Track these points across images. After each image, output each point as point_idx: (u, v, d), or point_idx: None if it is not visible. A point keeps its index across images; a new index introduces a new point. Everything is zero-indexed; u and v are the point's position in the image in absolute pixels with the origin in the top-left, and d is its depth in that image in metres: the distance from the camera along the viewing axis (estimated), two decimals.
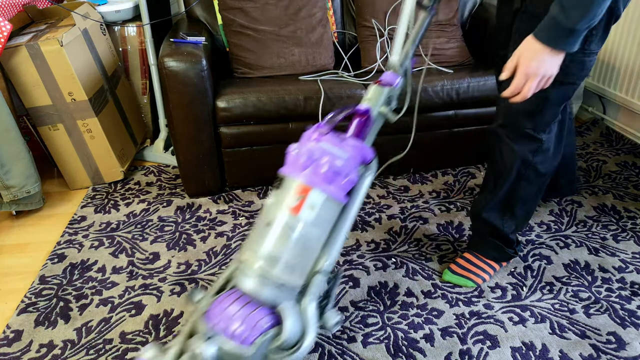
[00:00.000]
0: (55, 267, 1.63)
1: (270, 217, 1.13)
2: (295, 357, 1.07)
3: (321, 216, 1.12)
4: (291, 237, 1.10)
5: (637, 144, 2.32)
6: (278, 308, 1.09)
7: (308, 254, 1.13)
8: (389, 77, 1.28)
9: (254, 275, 1.09)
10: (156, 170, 2.23)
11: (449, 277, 1.54)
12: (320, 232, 1.14)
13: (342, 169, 1.13)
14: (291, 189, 1.13)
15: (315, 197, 1.11)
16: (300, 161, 1.14)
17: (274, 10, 2.06)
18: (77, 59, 1.91)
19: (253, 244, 1.12)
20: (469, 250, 1.57)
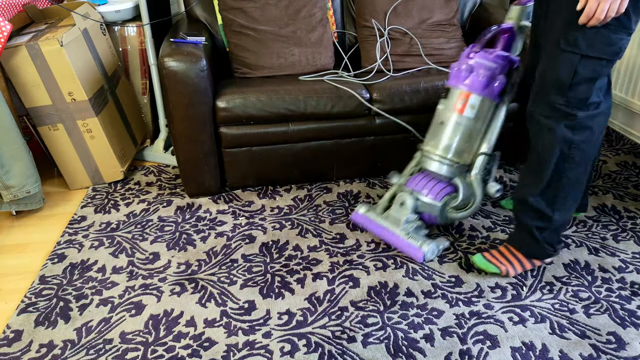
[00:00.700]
0: (55, 267, 1.63)
1: (442, 118, 1.63)
2: (466, 213, 1.63)
3: (480, 113, 1.59)
4: (460, 130, 1.60)
5: (637, 144, 2.32)
6: (453, 180, 1.63)
7: (472, 141, 1.62)
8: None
9: (436, 159, 1.63)
10: (156, 170, 2.23)
11: (477, 259, 1.56)
12: (481, 125, 1.61)
13: (493, 75, 1.56)
14: (455, 95, 1.60)
15: (474, 100, 1.57)
16: (461, 74, 1.59)
17: (274, 10, 2.06)
18: (77, 59, 1.91)
19: (432, 137, 1.65)
20: (505, 245, 1.58)
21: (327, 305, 1.45)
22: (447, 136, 1.61)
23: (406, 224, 1.63)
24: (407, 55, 2.10)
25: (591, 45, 1.24)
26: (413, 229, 1.63)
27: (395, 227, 1.63)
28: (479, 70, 1.56)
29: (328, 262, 1.63)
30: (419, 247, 1.57)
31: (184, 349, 1.32)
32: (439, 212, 1.64)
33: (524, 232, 1.50)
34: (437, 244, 1.62)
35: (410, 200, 1.63)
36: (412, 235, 1.61)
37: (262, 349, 1.31)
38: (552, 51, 1.31)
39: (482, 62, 1.56)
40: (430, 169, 1.65)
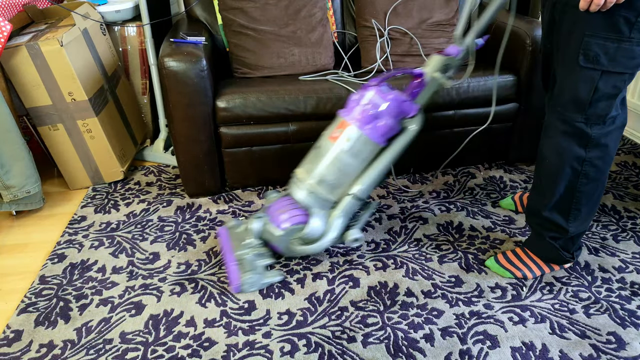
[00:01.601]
0: (55, 267, 1.63)
1: (320, 142, 1.52)
2: (308, 249, 1.51)
3: (355, 149, 1.46)
4: (333, 162, 1.48)
5: (637, 144, 2.33)
6: (310, 211, 1.50)
7: (343, 178, 1.49)
8: (450, 48, 1.50)
9: (302, 187, 1.51)
10: (156, 170, 2.23)
11: (491, 263, 1.56)
12: (356, 164, 1.49)
13: (378, 114, 1.45)
14: (336, 123, 1.51)
15: (352, 132, 1.46)
16: (350, 104, 1.50)
17: (274, 10, 2.06)
18: (77, 59, 1.91)
19: (306, 162, 1.54)
20: (522, 247, 1.57)
21: (327, 305, 1.45)
22: (318, 165, 1.49)
23: (246, 249, 1.50)
24: (407, 55, 2.10)
25: (613, 60, 1.18)
26: (250, 256, 1.50)
27: (237, 249, 1.55)
28: (365, 104, 1.46)
29: (328, 262, 1.63)
30: (240, 275, 1.48)
31: (184, 349, 1.32)
32: (279, 242, 1.52)
33: (541, 238, 1.50)
34: (261, 278, 1.50)
35: (255, 224, 1.52)
36: (245, 261, 1.50)
37: (262, 349, 1.31)
38: (569, 67, 1.25)
39: (372, 97, 1.46)
40: (294, 196, 1.54)
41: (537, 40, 1.88)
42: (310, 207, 1.51)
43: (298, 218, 1.50)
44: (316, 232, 1.50)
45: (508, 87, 1.97)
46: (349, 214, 1.54)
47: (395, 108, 1.48)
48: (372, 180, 1.51)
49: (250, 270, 1.49)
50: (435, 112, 1.96)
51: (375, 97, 1.46)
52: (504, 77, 1.97)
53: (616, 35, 1.16)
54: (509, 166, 2.19)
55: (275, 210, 1.54)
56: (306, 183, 1.51)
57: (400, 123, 1.52)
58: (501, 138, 2.11)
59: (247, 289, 1.50)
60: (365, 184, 1.50)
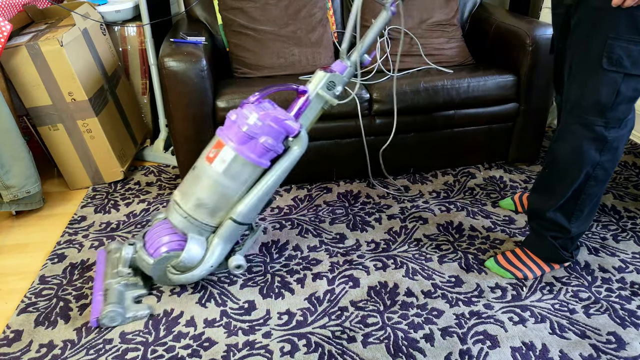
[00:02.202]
0: (55, 267, 1.63)
1: (197, 163, 1.41)
2: (182, 278, 1.39)
3: (233, 170, 1.35)
4: (206, 181, 1.37)
5: (637, 144, 2.33)
6: (188, 236, 1.39)
7: (221, 200, 1.38)
8: (336, 65, 1.45)
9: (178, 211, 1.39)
10: (156, 170, 2.23)
11: (490, 265, 1.56)
12: (236, 186, 1.37)
13: (255, 134, 1.34)
14: (213, 142, 1.40)
15: (226, 153, 1.35)
16: (227, 122, 1.38)
17: (274, 10, 2.06)
18: (77, 59, 1.91)
19: (184, 185, 1.41)
20: (522, 247, 1.57)
21: (327, 305, 1.45)
22: (196, 188, 1.38)
23: (116, 277, 1.42)
24: (407, 55, 2.10)
25: (636, 63, 1.17)
26: (120, 286, 1.41)
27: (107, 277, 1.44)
28: (241, 123, 1.35)
29: (328, 262, 1.63)
30: (102, 307, 1.36)
31: (184, 349, 1.32)
32: (152, 270, 1.41)
33: (541, 238, 1.50)
34: (126, 312, 1.37)
35: (126, 251, 1.41)
36: (110, 292, 1.40)
37: (262, 349, 1.31)
38: (591, 70, 1.24)
39: (248, 115, 1.35)
40: (171, 220, 1.42)
41: (537, 40, 1.88)
42: (187, 232, 1.40)
43: (173, 244, 1.39)
44: (193, 259, 1.38)
45: (508, 87, 1.97)
46: (230, 239, 1.42)
47: (273, 126, 1.36)
48: (253, 203, 1.39)
49: (114, 302, 1.36)
50: (435, 112, 1.96)
51: (251, 115, 1.35)
52: (504, 77, 1.96)
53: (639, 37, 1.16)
54: (509, 166, 2.19)
55: (151, 236, 1.43)
56: (182, 207, 1.39)
57: (284, 143, 1.41)
58: (501, 138, 2.11)
59: (107, 324, 1.35)
60: (246, 207, 1.38)
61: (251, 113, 1.35)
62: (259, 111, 1.35)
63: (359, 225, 1.81)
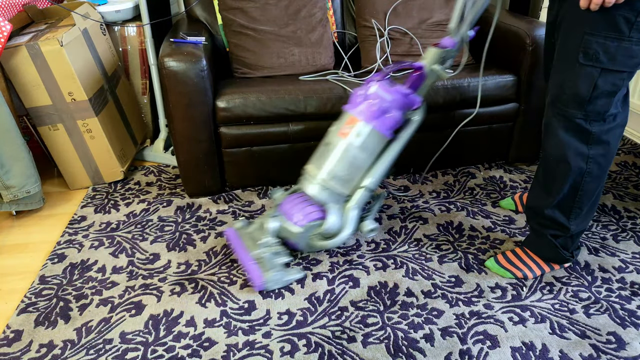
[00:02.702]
0: (55, 267, 1.63)
1: (329, 139, 1.55)
2: (329, 243, 1.53)
3: (366, 143, 1.50)
4: (344, 157, 1.51)
5: (637, 144, 2.33)
6: (326, 206, 1.53)
7: (354, 172, 1.53)
8: (445, 40, 1.54)
9: (314, 182, 1.53)
10: (156, 170, 2.23)
11: (491, 264, 1.57)
12: (366, 157, 1.52)
13: (386, 108, 1.50)
14: (345, 119, 1.54)
15: (361, 128, 1.50)
16: (357, 100, 1.53)
17: (274, 10, 2.06)
18: (77, 59, 1.91)
19: (316, 159, 1.56)
20: (522, 247, 1.57)
21: (327, 305, 1.45)
22: (330, 161, 1.52)
23: (263, 248, 1.51)
24: (407, 55, 2.10)
25: (612, 59, 1.19)
26: (268, 255, 1.50)
27: (253, 248, 1.55)
28: (373, 99, 1.50)
29: (328, 262, 1.63)
30: (261, 274, 1.49)
31: (184, 349, 1.32)
32: (299, 239, 1.54)
33: (541, 237, 1.50)
34: (284, 275, 1.52)
35: (272, 223, 1.52)
36: (264, 260, 1.50)
37: (262, 349, 1.31)
38: (569, 64, 1.26)
39: (378, 92, 1.50)
40: (306, 192, 1.55)
41: (537, 40, 1.88)
42: (325, 202, 1.53)
43: (315, 214, 1.53)
44: (335, 226, 1.53)
45: (508, 87, 1.97)
46: (362, 205, 1.58)
47: (400, 101, 1.52)
48: (382, 172, 1.56)
49: (271, 268, 1.50)
50: (435, 113, 1.96)
51: (381, 92, 1.50)
52: (504, 77, 1.97)
53: (616, 34, 1.17)
54: (509, 166, 2.19)
55: (289, 208, 1.55)
56: (319, 179, 1.53)
57: (404, 115, 1.57)
58: (501, 138, 2.11)
59: (272, 287, 1.51)
60: (376, 176, 1.55)
61: (384, 91, 1.50)
62: (392, 89, 1.51)
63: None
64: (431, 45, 1.56)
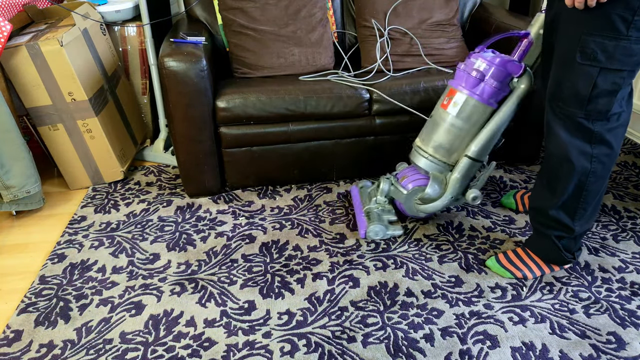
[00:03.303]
0: (55, 267, 1.63)
1: (433, 112, 1.65)
2: (428, 207, 1.65)
3: (465, 112, 1.56)
4: (445, 127, 1.60)
5: (637, 144, 2.33)
6: (430, 173, 1.65)
7: (457, 141, 1.60)
8: None
9: (422, 154, 1.66)
10: (156, 170, 2.23)
11: (491, 263, 1.57)
12: (468, 127, 1.58)
13: (481, 76, 1.53)
14: (445, 92, 1.62)
15: (459, 97, 1.56)
16: (457, 74, 1.59)
17: (274, 10, 2.06)
18: (77, 59, 1.91)
19: (423, 132, 1.68)
20: (523, 247, 1.57)
21: (327, 305, 1.45)
22: (433, 132, 1.63)
23: (374, 204, 1.73)
24: (407, 55, 2.10)
25: (611, 58, 1.18)
26: (378, 210, 1.72)
27: (366, 204, 1.76)
28: (470, 69, 1.56)
29: (328, 262, 1.63)
30: (367, 225, 1.68)
31: (184, 349, 1.32)
32: (404, 200, 1.69)
33: (543, 238, 1.49)
34: (386, 229, 1.68)
35: (384, 184, 1.73)
36: (372, 215, 1.70)
37: (262, 349, 1.31)
38: (567, 64, 1.25)
39: (475, 61, 1.55)
40: (416, 163, 1.69)
41: None
42: (430, 170, 1.66)
43: (420, 181, 1.68)
44: (436, 192, 1.65)
45: None
46: (466, 175, 1.62)
47: (499, 70, 1.53)
48: (485, 142, 1.58)
49: (377, 221, 1.67)
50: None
51: (478, 62, 1.54)
52: None
53: (613, 33, 1.16)
54: (509, 166, 2.19)
55: (401, 174, 1.75)
56: (424, 150, 1.65)
57: (509, 85, 1.56)
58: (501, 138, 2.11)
59: (372, 236, 1.68)
60: (478, 145, 1.58)
61: (479, 59, 1.54)
62: (485, 58, 1.53)
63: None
64: (539, 11, 1.57)
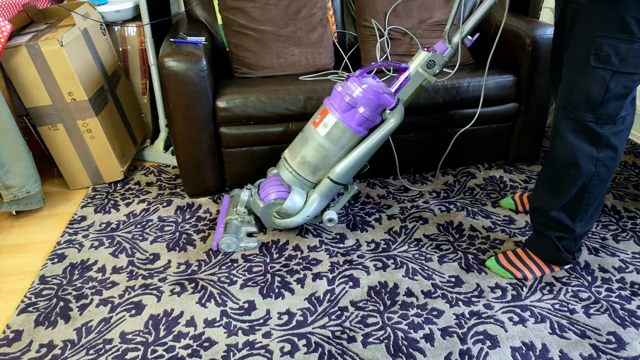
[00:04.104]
0: (55, 267, 1.63)
1: (304, 127, 1.65)
2: (283, 223, 1.66)
3: (334, 134, 1.57)
4: (313, 146, 1.60)
5: (637, 144, 2.33)
6: (292, 188, 1.64)
7: (322, 161, 1.60)
8: (438, 45, 1.58)
9: (287, 168, 1.65)
10: (156, 170, 2.23)
11: (491, 264, 1.57)
12: (336, 149, 1.59)
13: (354, 102, 1.53)
14: (320, 110, 1.61)
15: (330, 119, 1.56)
16: (334, 93, 1.58)
17: (274, 10, 2.06)
18: (77, 59, 1.91)
19: (292, 145, 1.66)
20: (523, 248, 1.57)
21: (327, 305, 1.45)
22: (302, 148, 1.62)
23: (234, 215, 1.73)
24: (407, 55, 2.10)
25: (624, 60, 1.17)
26: (237, 222, 1.71)
27: (228, 214, 1.75)
28: (344, 93, 1.54)
29: (328, 262, 1.63)
30: (221, 235, 1.66)
31: (184, 349, 1.32)
32: (261, 212, 1.68)
33: (543, 239, 1.49)
34: (239, 241, 1.66)
35: (244, 194, 1.73)
36: (231, 226, 1.69)
37: (262, 349, 1.31)
38: (580, 67, 1.24)
39: (351, 86, 1.54)
40: (280, 175, 1.68)
41: (537, 41, 1.88)
42: (292, 185, 1.65)
43: (280, 194, 1.65)
44: (294, 208, 1.63)
45: (508, 87, 1.97)
46: (326, 196, 1.64)
47: (372, 99, 1.52)
48: (349, 167, 1.60)
49: (231, 233, 1.65)
50: (435, 113, 1.96)
51: (352, 86, 1.53)
52: (503, 77, 1.97)
53: (627, 36, 1.15)
54: (509, 166, 2.19)
55: (264, 185, 1.71)
56: (289, 164, 1.64)
57: (381, 115, 1.58)
58: (501, 138, 2.11)
59: (224, 249, 1.65)
60: (342, 169, 1.60)
61: (354, 85, 1.53)
62: (362, 84, 1.53)
63: (359, 225, 1.81)
64: (423, 48, 1.59)
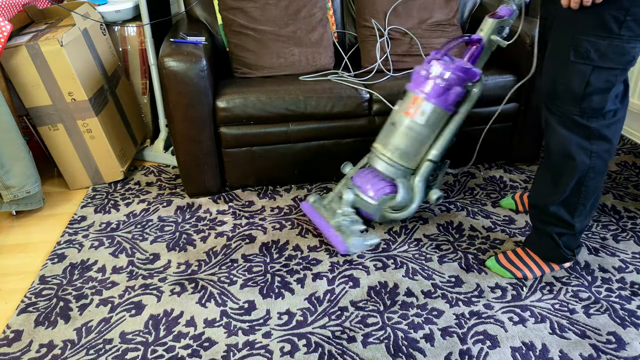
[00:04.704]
0: (55, 267, 1.63)
1: (394, 119, 1.64)
2: (401, 215, 1.65)
3: (429, 120, 1.58)
4: (409, 134, 1.60)
5: (637, 144, 2.33)
6: (396, 181, 1.64)
7: (421, 147, 1.62)
8: (502, 10, 1.59)
9: (382, 159, 1.65)
10: (156, 170, 2.23)
11: (491, 264, 1.57)
12: (430, 132, 1.61)
13: (448, 85, 1.55)
14: (410, 98, 1.61)
15: (426, 106, 1.57)
16: (420, 79, 1.59)
17: (274, 10, 2.06)
18: (77, 59, 1.91)
19: (383, 137, 1.67)
20: (523, 247, 1.57)
21: (327, 305, 1.45)
22: (396, 138, 1.62)
23: (341, 217, 1.65)
24: (407, 55, 2.10)
25: (603, 57, 1.20)
26: (347, 222, 1.65)
27: (331, 218, 1.67)
28: (435, 78, 1.56)
29: (328, 262, 1.63)
30: (343, 240, 1.60)
31: (184, 349, 1.32)
32: (374, 211, 1.66)
33: (543, 236, 1.49)
34: (364, 240, 1.64)
35: (348, 194, 1.65)
36: (343, 228, 1.64)
37: (262, 349, 1.31)
38: (561, 62, 1.27)
39: (441, 70, 1.55)
40: (376, 167, 1.67)
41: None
42: (394, 177, 1.64)
43: (387, 189, 1.64)
44: (406, 199, 1.64)
45: (508, 87, 1.97)
46: (427, 177, 1.67)
47: (462, 76, 1.56)
48: (445, 145, 1.63)
49: (351, 235, 1.62)
50: None
51: (442, 70, 1.54)
52: (504, 77, 1.97)
53: (606, 33, 1.18)
54: (509, 166, 2.19)
55: (363, 182, 1.67)
56: (386, 156, 1.64)
57: (465, 88, 1.60)
58: (501, 138, 2.11)
59: (354, 251, 1.63)
60: (440, 149, 1.62)
61: (443, 67, 1.54)
62: (449, 65, 1.54)
63: None
64: (487, 16, 1.59)
